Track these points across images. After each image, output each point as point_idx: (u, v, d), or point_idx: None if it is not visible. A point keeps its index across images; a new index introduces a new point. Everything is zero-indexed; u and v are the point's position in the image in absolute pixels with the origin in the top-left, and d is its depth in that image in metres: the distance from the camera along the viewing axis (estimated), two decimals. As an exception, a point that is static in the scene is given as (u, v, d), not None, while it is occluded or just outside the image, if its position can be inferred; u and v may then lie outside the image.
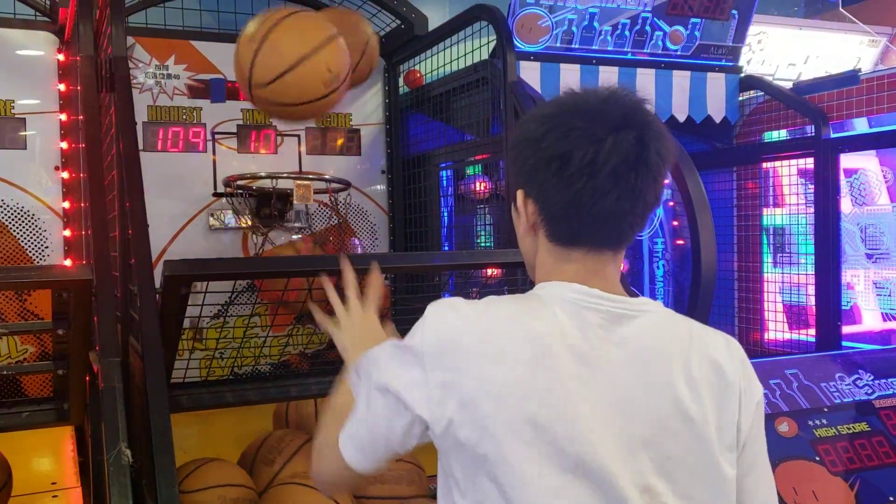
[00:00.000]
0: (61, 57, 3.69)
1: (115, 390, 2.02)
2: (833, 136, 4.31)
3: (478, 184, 4.03)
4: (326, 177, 3.86)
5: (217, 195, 3.91)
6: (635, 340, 1.22)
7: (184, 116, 3.94)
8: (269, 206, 3.58)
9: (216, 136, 3.96)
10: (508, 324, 1.20)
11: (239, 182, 3.68)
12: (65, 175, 3.67)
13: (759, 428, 1.32)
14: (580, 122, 1.20)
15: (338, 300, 1.59)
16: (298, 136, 4.05)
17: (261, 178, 3.65)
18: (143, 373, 2.07)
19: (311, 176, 3.75)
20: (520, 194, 1.29)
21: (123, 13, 2.69)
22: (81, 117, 2.80)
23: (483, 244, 4.14)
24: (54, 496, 2.83)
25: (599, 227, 1.23)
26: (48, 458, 3.09)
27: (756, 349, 4.82)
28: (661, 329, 1.26)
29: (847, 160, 4.44)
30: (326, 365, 3.53)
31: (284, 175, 3.65)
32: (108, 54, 2.67)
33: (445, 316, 1.23)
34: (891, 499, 2.87)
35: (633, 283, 4.95)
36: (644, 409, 1.19)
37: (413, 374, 1.21)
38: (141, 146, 3.73)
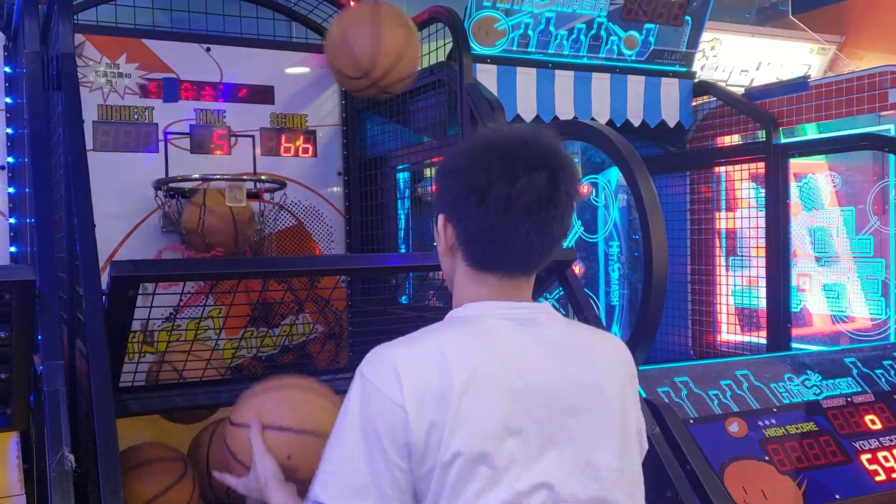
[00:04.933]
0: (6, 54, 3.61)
1: (59, 393, 1.98)
2: (783, 141, 4.39)
3: (435, 186, 4.03)
4: (263, 177, 3.82)
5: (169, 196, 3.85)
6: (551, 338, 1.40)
7: (135, 116, 3.88)
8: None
9: (168, 136, 3.90)
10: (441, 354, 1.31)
11: (171, 185, 3.64)
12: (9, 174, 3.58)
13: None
14: (499, 160, 1.34)
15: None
16: (253, 136, 4.01)
17: (193, 179, 3.61)
18: (88, 376, 2.03)
19: (244, 177, 3.71)
20: (441, 219, 1.43)
21: (71, 9, 2.63)
22: (26, 115, 2.74)
23: (440, 247, 4.13)
24: (-3, 504, 2.75)
25: (510, 256, 1.38)
26: (-9, 466, 3.00)
27: (709, 351, 4.89)
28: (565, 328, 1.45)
29: (797, 165, 4.53)
30: (280, 369, 3.50)
31: (217, 177, 3.62)
32: (55, 51, 2.61)
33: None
34: (837, 497, 2.93)
35: (588, 286, 4.98)
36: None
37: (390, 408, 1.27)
38: (91, 146, 3.68)
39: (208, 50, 4.01)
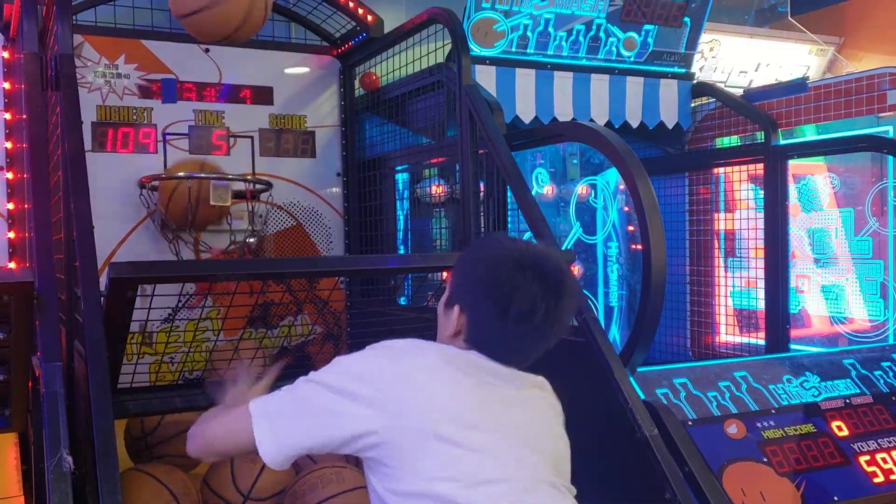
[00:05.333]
0: (6, 55, 3.60)
1: (57, 395, 1.97)
2: (782, 142, 4.39)
3: (434, 187, 4.03)
4: (248, 177, 3.81)
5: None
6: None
7: (134, 117, 3.88)
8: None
9: (167, 137, 3.90)
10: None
11: (154, 182, 3.63)
12: (9, 175, 3.58)
13: None
14: (523, 280, 1.57)
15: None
16: (252, 137, 4.01)
17: (177, 178, 3.61)
18: (87, 377, 2.02)
19: (229, 176, 3.69)
20: (456, 309, 1.64)
21: (69, 10, 2.63)
22: (25, 116, 2.73)
23: (439, 247, 4.14)
24: (-5, 506, 2.74)
25: (511, 354, 1.63)
26: (-11, 467, 3.00)
27: (707, 352, 4.89)
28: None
29: (796, 166, 4.52)
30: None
31: (202, 176, 3.60)
32: (53, 52, 2.61)
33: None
34: (835, 498, 2.93)
35: (586, 287, 4.98)
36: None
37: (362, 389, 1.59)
38: (90, 147, 3.68)
39: (207, 51, 4.01)
